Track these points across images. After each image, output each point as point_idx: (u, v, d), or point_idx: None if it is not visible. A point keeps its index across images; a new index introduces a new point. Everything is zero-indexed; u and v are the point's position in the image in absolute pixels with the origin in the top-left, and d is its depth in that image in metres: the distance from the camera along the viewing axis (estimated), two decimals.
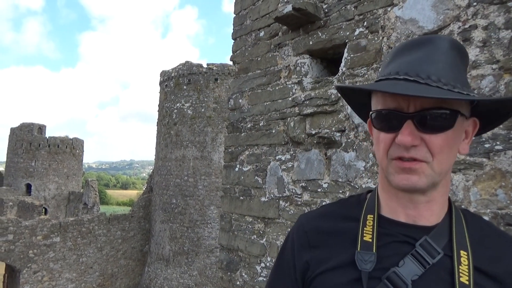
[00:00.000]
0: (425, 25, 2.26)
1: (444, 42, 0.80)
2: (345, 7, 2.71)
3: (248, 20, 3.57)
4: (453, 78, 0.77)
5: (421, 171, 0.78)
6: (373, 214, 0.90)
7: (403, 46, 0.84)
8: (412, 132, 0.76)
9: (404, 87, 0.75)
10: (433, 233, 0.83)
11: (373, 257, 0.83)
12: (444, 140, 0.78)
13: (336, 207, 1.02)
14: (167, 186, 20.19)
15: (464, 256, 0.80)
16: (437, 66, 0.77)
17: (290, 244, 1.00)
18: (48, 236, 17.46)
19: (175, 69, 20.56)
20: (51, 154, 31.06)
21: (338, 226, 0.93)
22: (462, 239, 0.83)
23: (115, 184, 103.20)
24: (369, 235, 0.86)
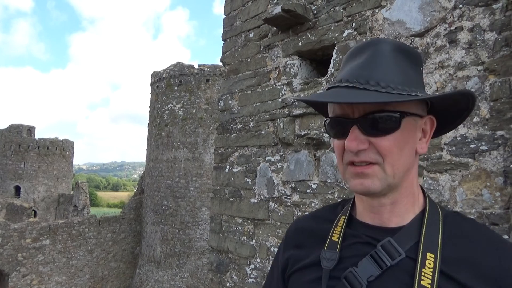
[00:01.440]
0: (412, 27, 2.28)
1: (386, 45, 0.81)
2: (334, 8, 2.73)
3: (238, 21, 3.57)
4: (394, 81, 0.77)
5: (374, 175, 0.79)
6: (345, 215, 0.93)
7: (350, 53, 0.86)
8: (357, 137, 0.78)
9: (343, 94, 0.77)
10: (398, 235, 0.82)
11: (335, 255, 0.85)
12: (392, 141, 0.78)
13: (325, 210, 1.05)
14: (158, 188, 20.07)
15: (430, 259, 0.78)
16: (377, 70, 0.78)
17: (281, 244, 1.07)
18: (37, 239, 17.23)
19: (166, 70, 20.47)
20: (41, 155, 30.68)
21: (317, 227, 0.97)
22: (432, 241, 0.80)
23: (106, 186, 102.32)
24: (336, 235, 0.89)
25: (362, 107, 0.78)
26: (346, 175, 0.83)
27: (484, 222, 1.93)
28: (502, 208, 1.87)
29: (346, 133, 0.80)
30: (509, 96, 1.88)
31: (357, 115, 0.78)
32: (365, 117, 0.77)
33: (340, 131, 0.82)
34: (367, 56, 0.81)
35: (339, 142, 0.82)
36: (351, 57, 0.84)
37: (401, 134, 0.79)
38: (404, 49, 0.84)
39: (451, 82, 2.10)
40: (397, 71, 0.79)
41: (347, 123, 0.79)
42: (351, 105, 0.79)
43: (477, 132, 1.99)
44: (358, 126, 0.78)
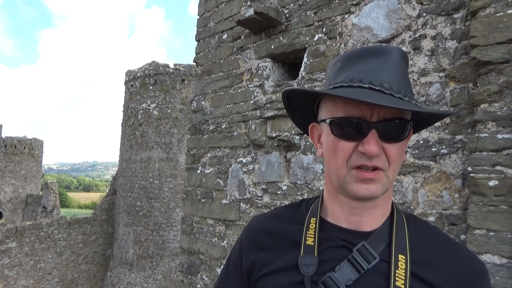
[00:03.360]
0: (379, 33, 2.35)
1: (397, 53, 0.82)
2: (305, 13, 2.77)
3: (212, 22, 3.57)
4: (407, 89, 0.79)
5: (379, 181, 0.79)
6: (315, 217, 0.91)
7: (355, 54, 0.84)
8: (377, 142, 0.77)
9: (373, 96, 0.74)
10: (372, 238, 0.84)
11: (314, 260, 0.84)
12: (399, 149, 0.80)
13: (286, 210, 1.02)
14: (131, 188, 19.72)
15: (402, 260, 0.81)
16: (395, 77, 0.78)
17: (239, 244, 1.01)
18: (3, 242, 16.60)
19: (141, 69, 20.16)
20: (8, 155, 29.55)
21: (285, 229, 0.94)
22: (401, 243, 0.83)
23: (77, 187, 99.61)
24: (311, 239, 0.87)
25: (383, 112, 0.77)
26: (348, 179, 0.81)
27: (443, 223, 2.02)
28: (460, 209, 1.96)
29: (359, 135, 0.78)
30: (467, 102, 1.97)
31: (376, 119, 0.77)
32: (385, 122, 0.77)
33: (353, 132, 0.79)
34: (382, 61, 0.80)
35: (348, 144, 0.80)
36: (358, 59, 0.82)
37: (404, 143, 0.82)
38: (406, 57, 0.85)
39: (414, 88, 2.18)
40: (406, 79, 0.81)
41: (366, 126, 0.77)
42: (371, 108, 0.77)
43: (438, 136, 2.07)
44: (377, 130, 0.77)
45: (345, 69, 0.82)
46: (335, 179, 0.85)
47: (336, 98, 0.81)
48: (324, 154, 0.88)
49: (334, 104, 0.82)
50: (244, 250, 0.98)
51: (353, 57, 0.83)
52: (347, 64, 0.83)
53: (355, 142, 0.79)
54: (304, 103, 0.94)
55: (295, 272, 0.85)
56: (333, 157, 0.83)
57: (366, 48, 0.84)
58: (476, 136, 1.84)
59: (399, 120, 0.78)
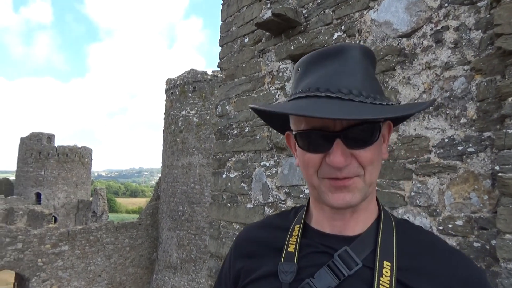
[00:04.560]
0: (399, 28, 2.24)
1: (356, 52, 0.77)
2: (324, 11, 2.71)
3: (234, 26, 3.59)
4: (372, 90, 0.75)
5: (355, 187, 0.76)
6: (299, 224, 0.89)
7: (314, 58, 0.79)
8: (343, 152, 0.73)
9: (329, 107, 0.70)
10: (355, 244, 0.80)
11: (293, 267, 0.81)
12: (373, 152, 0.76)
13: (275, 218, 1.01)
14: (174, 194, 20.24)
15: (387, 267, 0.76)
16: (356, 78, 0.74)
17: (229, 254, 1.02)
18: (56, 245, 17.60)
19: (180, 77, 20.72)
20: (60, 163, 31.42)
21: (269, 237, 0.93)
22: (388, 249, 0.79)
23: (125, 192, 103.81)
24: (292, 246, 0.85)
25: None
26: (322, 188, 0.77)
27: (472, 227, 1.87)
28: (490, 211, 1.81)
29: (325, 147, 0.74)
30: (495, 96, 1.82)
31: (339, 128, 0.73)
32: (348, 129, 0.73)
33: (318, 144, 0.75)
34: (340, 63, 0.76)
35: (315, 156, 0.76)
36: (317, 62, 0.78)
37: (378, 144, 0.78)
38: (369, 53, 0.81)
39: (438, 83, 2.05)
40: (370, 78, 0.77)
41: (329, 136, 0.73)
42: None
43: (464, 133, 1.93)
44: (342, 139, 0.73)
45: (305, 76, 0.79)
46: (311, 189, 0.83)
47: None
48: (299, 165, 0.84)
49: (297, 116, 0.79)
50: (232, 259, 0.98)
51: (313, 61, 0.79)
52: (307, 69, 0.79)
53: (322, 154, 0.75)
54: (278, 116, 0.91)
55: (275, 280, 0.82)
56: (305, 169, 0.80)
57: (325, 50, 0.78)
58: (504, 132, 1.70)
59: (366, 124, 0.73)
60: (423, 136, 2.09)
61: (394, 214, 2.14)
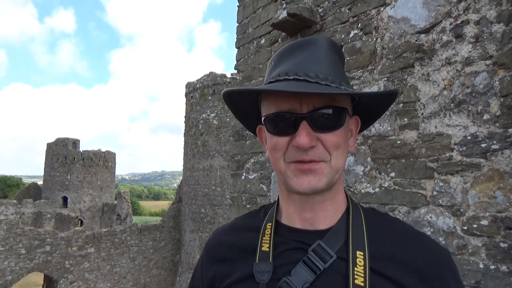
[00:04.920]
0: (417, 23, 2.19)
1: (323, 43, 0.82)
2: (340, 9, 2.68)
3: (250, 28, 3.59)
4: (337, 76, 0.78)
5: (321, 171, 0.77)
6: (271, 222, 0.88)
7: (287, 49, 0.84)
8: (309, 133, 0.75)
9: (295, 86, 0.74)
10: (328, 236, 0.81)
11: (269, 267, 0.81)
12: (338, 137, 0.78)
13: (245, 219, 0.99)
14: (195, 196, 20.42)
15: (360, 257, 0.77)
16: (322, 65, 0.78)
17: (200, 260, 0.99)
18: (83, 247, 18.04)
19: (200, 80, 20.91)
20: (85, 167, 32.24)
21: (241, 238, 0.91)
22: (359, 239, 0.80)
23: (148, 195, 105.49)
24: (266, 245, 0.84)
25: (312, 102, 0.76)
26: (288, 173, 0.79)
27: (499, 227, 1.80)
28: None
29: (292, 129, 0.76)
30: None
31: (306, 110, 0.75)
32: (315, 112, 0.75)
33: (285, 127, 0.77)
34: (309, 52, 0.80)
35: (282, 139, 0.78)
36: (288, 54, 0.82)
37: (344, 131, 0.80)
38: (336, 46, 0.85)
39: (459, 79, 1.99)
40: (336, 67, 0.80)
41: (296, 118, 0.76)
42: (300, 100, 0.76)
43: (488, 130, 1.87)
44: (308, 121, 0.75)
45: (277, 66, 0.82)
46: (279, 177, 0.84)
47: (267, 95, 0.81)
48: (268, 155, 0.85)
49: (267, 101, 0.82)
50: (204, 266, 0.95)
51: (284, 53, 0.83)
52: (279, 61, 0.83)
53: (289, 137, 0.78)
54: (247, 108, 0.91)
55: (251, 281, 0.81)
56: (273, 155, 0.82)
57: (295, 42, 0.83)
58: None
59: (333, 108, 0.77)
60: (445, 133, 2.04)
61: (416, 214, 2.10)
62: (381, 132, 2.33)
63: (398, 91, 0.82)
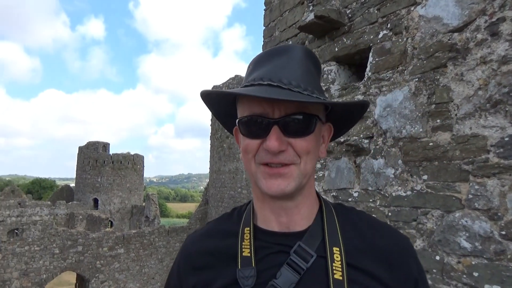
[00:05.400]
0: (450, 22, 2.14)
1: (299, 51, 0.85)
2: (368, 10, 2.65)
3: (277, 31, 3.60)
4: (310, 84, 0.81)
5: (290, 175, 0.80)
6: (249, 226, 0.89)
7: (263, 56, 0.86)
8: (279, 137, 0.78)
9: (268, 92, 0.76)
10: (306, 237, 0.84)
11: (253, 271, 0.82)
12: (308, 142, 0.81)
13: (220, 224, 0.98)
14: (221, 199, 20.57)
15: (336, 253, 0.82)
16: (296, 73, 0.80)
17: (177, 268, 0.97)
18: (113, 248, 18.48)
19: (225, 83, 21.08)
20: (115, 170, 33.12)
21: (220, 244, 0.91)
22: (334, 235, 0.85)
23: (175, 197, 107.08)
24: (247, 250, 0.85)
25: (284, 107, 0.78)
26: (258, 175, 0.82)
27: None
28: None
29: (263, 133, 0.79)
30: None
31: (278, 115, 0.78)
32: (286, 118, 0.78)
33: (257, 130, 0.80)
34: (284, 60, 0.83)
35: (254, 141, 0.81)
36: (264, 60, 0.85)
37: (314, 136, 0.83)
38: (312, 55, 0.88)
39: (494, 78, 1.92)
40: (310, 76, 0.83)
41: (268, 122, 0.79)
42: (272, 105, 0.79)
43: None
44: (279, 126, 0.78)
45: (253, 71, 0.85)
46: (252, 180, 0.87)
47: (243, 98, 0.84)
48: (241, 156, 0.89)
49: (242, 104, 0.85)
50: (182, 274, 0.94)
51: (261, 59, 0.86)
52: (256, 66, 0.86)
53: (260, 140, 0.80)
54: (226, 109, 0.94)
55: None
56: (245, 156, 0.85)
57: (273, 49, 0.86)
58: None
59: (304, 115, 0.79)
60: (480, 135, 1.97)
61: (451, 218, 2.04)
62: (412, 134, 2.28)
63: (369, 102, 0.88)
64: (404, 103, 2.33)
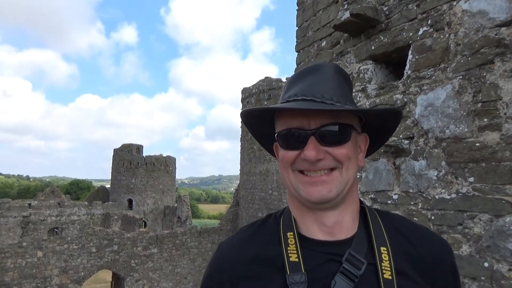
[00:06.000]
0: (497, 16, 2.03)
1: (330, 68, 0.90)
2: (407, 6, 2.56)
3: (310, 31, 3.56)
4: (342, 97, 0.86)
5: (331, 182, 0.83)
6: (292, 231, 0.89)
7: (297, 75, 0.92)
8: (316, 147, 0.82)
9: (302, 106, 0.82)
10: (354, 244, 0.86)
11: (303, 277, 0.81)
12: (347, 149, 0.85)
13: (256, 230, 0.96)
14: (252, 200, 20.62)
15: (384, 252, 0.84)
16: (328, 88, 0.85)
17: (213, 279, 0.92)
18: (147, 248, 18.92)
19: (256, 86, 21.15)
20: (148, 171, 33.95)
21: (262, 252, 0.88)
22: (381, 237, 0.87)
23: (206, 199, 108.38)
24: (294, 255, 0.84)
25: (319, 119, 0.83)
26: (298, 185, 0.85)
27: None
28: None
29: (301, 144, 0.84)
30: None
31: (313, 126, 0.83)
32: (321, 128, 0.83)
33: (295, 142, 0.85)
34: (316, 77, 0.88)
35: (292, 153, 0.85)
36: (298, 79, 0.90)
37: (351, 145, 0.87)
38: (342, 71, 0.93)
39: None
40: (341, 90, 0.88)
41: (304, 134, 0.83)
42: (307, 118, 0.83)
43: None
44: (315, 137, 0.83)
45: (289, 89, 0.91)
46: (290, 190, 0.89)
47: (280, 115, 0.89)
48: (279, 169, 0.92)
49: (279, 120, 0.90)
50: (225, 285, 0.88)
51: (296, 78, 0.92)
52: (291, 85, 0.91)
53: (298, 151, 0.85)
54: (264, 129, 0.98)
55: None
56: (283, 168, 0.88)
57: (305, 69, 0.92)
58: None
59: (338, 125, 0.84)
60: None
61: (500, 222, 1.93)
62: (457, 134, 2.18)
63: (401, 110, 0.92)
64: (447, 102, 2.24)
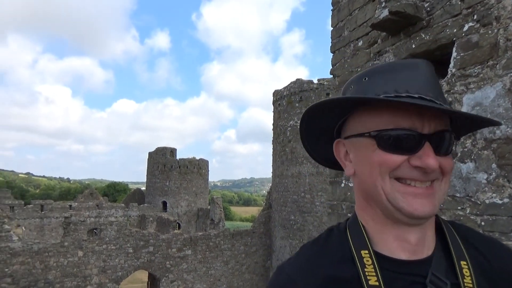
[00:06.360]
0: None
1: (428, 67, 0.79)
2: (450, 2, 2.45)
3: (346, 31, 3.48)
4: (446, 101, 0.78)
5: (435, 196, 0.75)
6: (367, 250, 0.79)
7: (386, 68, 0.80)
8: (434, 155, 0.73)
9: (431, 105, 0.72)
10: (435, 263, 0.79)
11: None
12: (451, 160, 0.78)
13: (322, 248, 0.85)
14: (285, 203, 20.50)
15: (465, 267, 0.78)
16: (437, 89, 0.77)
17: None
18: (181, 249, 19.23)
19: (287, 88, 21.06)
20: (182, 174, 34.60)
21: (334, 273, 0.78)
22: (460, 251, 0.81)
23: (238, 201, 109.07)
24: (373, 278, 0.75)
25: (434, 123, 0.74)
26: (396, 195, 0.74)
27: None
28: None
29: (412, 148, 0.73)
30: None
31: (428, 131, 0.73)
32: (439, 134, 0.74)
33: (405, 145, 0.73)
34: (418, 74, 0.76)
35: (397, 157, 0.74)
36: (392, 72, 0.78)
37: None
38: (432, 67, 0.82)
39: None
40: (442, 91, 0.80)
41: (420, 138, 0.73)
42: (422, 119, 0.73)
43: None
44: (431, 143, 0.73)
45: (377, 83, 0.77)
46: (378, 200, 0.77)
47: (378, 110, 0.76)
48: (358, 172, 0.81)
49: (379, 116, 0.76)
50: None
51: (383, 71, 0.79)
52: (378, 77, 0.78)
53: (406, 156, 0.74)
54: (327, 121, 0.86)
55: None
56: (377, 173, 0.76)
57: (395, 63, 0.81)
58: None
59: (449, 132, 0.76)
60: None
61: None
62: (508, 134, 2.05)
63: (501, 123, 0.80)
64: (498, 101, 2.11)
